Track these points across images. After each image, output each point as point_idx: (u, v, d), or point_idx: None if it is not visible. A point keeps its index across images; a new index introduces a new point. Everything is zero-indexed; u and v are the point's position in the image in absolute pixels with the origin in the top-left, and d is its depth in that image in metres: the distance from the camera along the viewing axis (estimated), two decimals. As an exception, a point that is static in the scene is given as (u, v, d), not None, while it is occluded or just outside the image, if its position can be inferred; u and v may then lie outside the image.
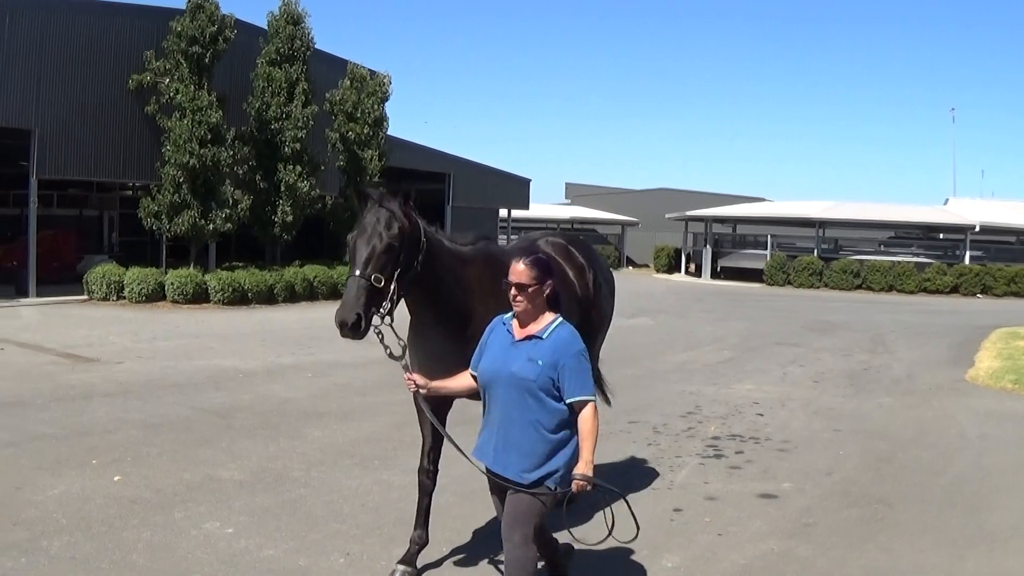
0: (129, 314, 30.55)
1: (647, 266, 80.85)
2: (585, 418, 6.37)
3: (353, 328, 6.96)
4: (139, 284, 33.75)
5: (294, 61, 39.45)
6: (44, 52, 34.94)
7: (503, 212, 62.37)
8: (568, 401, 6.38)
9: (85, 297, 34.51)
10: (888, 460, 13.06)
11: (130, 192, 47.31)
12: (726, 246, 71.94)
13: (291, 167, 38.42)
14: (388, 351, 7.26)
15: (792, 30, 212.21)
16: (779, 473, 12.15)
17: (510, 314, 6.73)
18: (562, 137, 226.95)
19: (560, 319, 6.60)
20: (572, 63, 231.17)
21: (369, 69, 44.19)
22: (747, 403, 17.23)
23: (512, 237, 69.15)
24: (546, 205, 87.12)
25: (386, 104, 43.95)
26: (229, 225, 36.04)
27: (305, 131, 38.79)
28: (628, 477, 11.60)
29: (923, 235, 69.70)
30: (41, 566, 8.26)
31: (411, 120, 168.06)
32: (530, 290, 6.49)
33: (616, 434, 13.99)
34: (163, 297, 34.04)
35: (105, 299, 34.00)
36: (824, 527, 9.99)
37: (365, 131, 42.63)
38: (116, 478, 10.88)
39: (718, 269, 68.79)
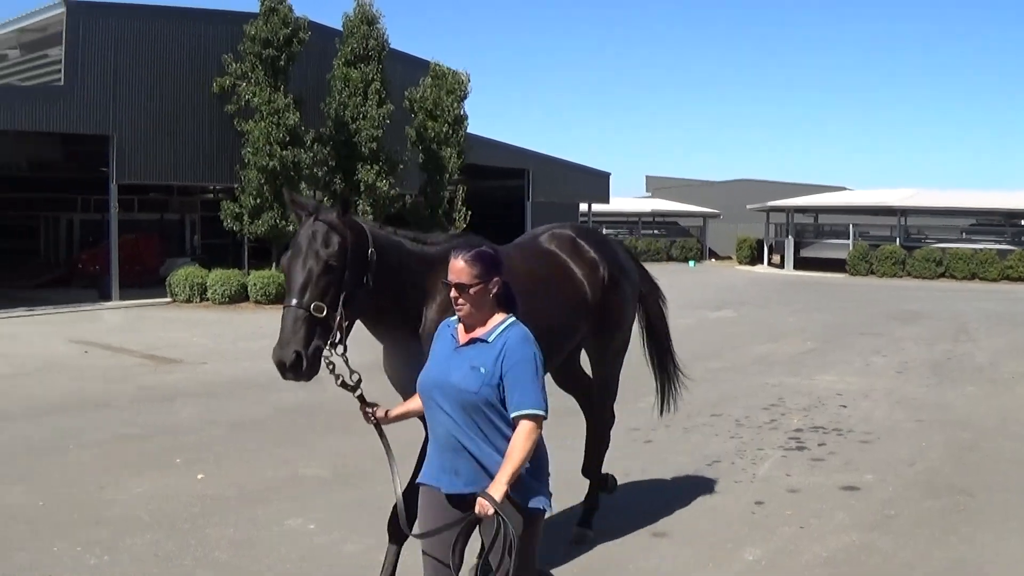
0: (212, 315, 30.92)
1: (730, 258, 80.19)
2: (517, 433, 5.32)
3: (293, 369, 6.07)
4: (222, 286, 34.08)
5: (370, 61, 39.58)
6: (120, 58, 35.47)
7: (583, 207, 62.13)
8: (511, 416, 5.38)
9: (168, 300, 34.92)
10: (971, 450, 12.88)
11: (211, 195, 47.84)
12: (808, 236, 71.10)
13: (369, 166, 38.58)
14: (339, 380, 6.16)
15: (871, 15, 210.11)
16: (861, 465, 11.99)
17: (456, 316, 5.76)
18: (642, 130, 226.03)
19: (512, 320, 5.64)
20: (651, 54, 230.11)
21: (449, 67, 44.29)
22: (830, 394, 17.03)
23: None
24: (626, 199, 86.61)
25: (465, 102, 44.07)
26: (311, 226, 36.19)
27: (382, 130, 38.92)
28: (711, 471, 11.56)
29: (1005, 222, 68.51)
30: (123, 563, 8.40)
31: (490, 117, 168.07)
32: (472, 291, 5.52)
33: (699, 427, 13.97)
34: (246, 298, 34.35)
35: (188, 301, 34.38)
36: (906, 518, 9.86)
37: (444, 129, 42.70)
38: (199, 476, 11.02)
39: (800, 260, 68.16)
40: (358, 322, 6.70)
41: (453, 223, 41.95)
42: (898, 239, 63.33)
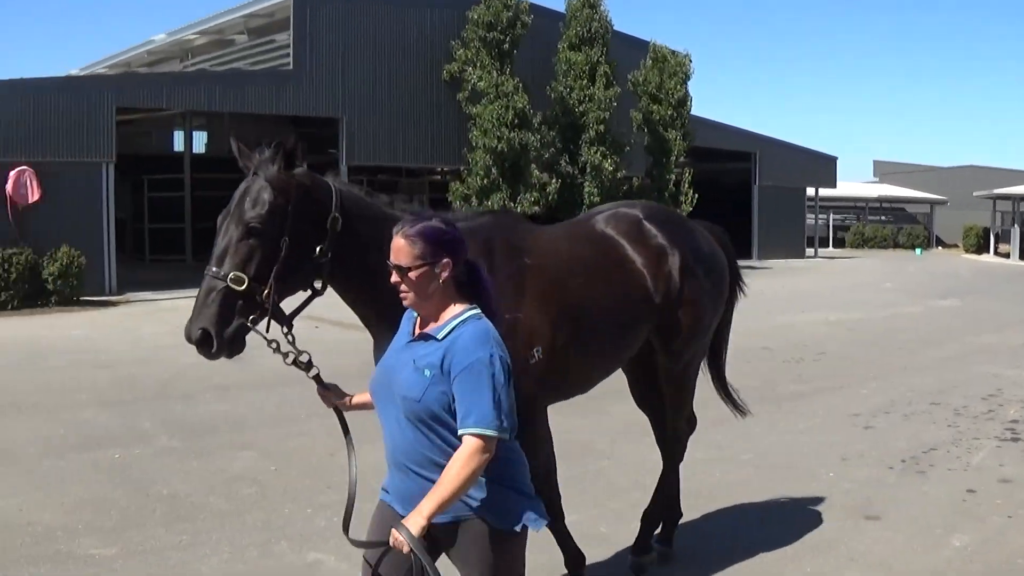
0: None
1: (956, 246, 77.87)
2: (455, 455, 4.38)
3: (201, 345, 5.23)
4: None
5: (594, 44, 39.80)
6: (348, 43, 36.38)
7: (810, 191, 61.15)
8: (458, 433, 4.44)
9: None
10: None
11: (438, 177, 48.59)
12: (1036, 225, 68.58)
13: (595, 148, 38.71)
14: (290, 358, 5.30)
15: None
16: (1074, 458, 11.47)
17: None
18: (871, 114, 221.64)
19: (472, 312, 4.62)
20: (877, 38, 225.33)
21: (670, 49, 44.09)
22: (1050, 387, 16.28)
23: (820, 217, 68.05)
24: (853, 183, 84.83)
25: (688, 83, 43.79)
26: (537, 208, 36.60)
27: (608, 113, 39.05)
28: (927, 458, 11.24)
29: None
30: (351, 525, 8.54)
31: (713, 99, 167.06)
32: (412, 273, 4.54)
33: (918, 415, 13.63)
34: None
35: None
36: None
37: (668, 112, 42.57)
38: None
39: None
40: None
41: (680, 206, 41.83)
42: None
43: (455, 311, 4.60)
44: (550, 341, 6.21)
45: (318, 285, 5.60)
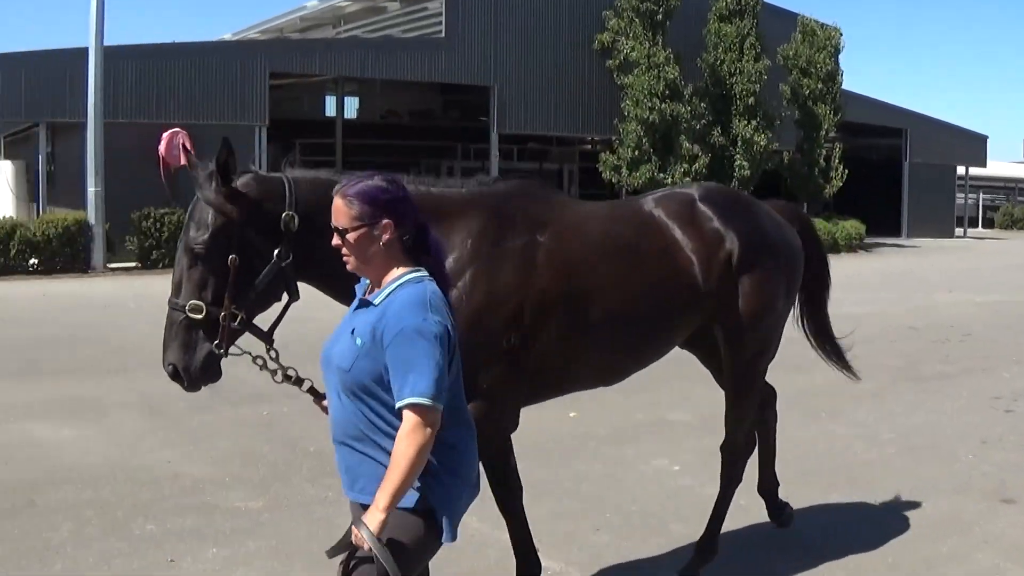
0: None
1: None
2: (398, 436, 4.03)
3: (174, 379, 5.17)
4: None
5: (743, 15, 39.60)
6: (499, 10, 36.65)
7: (960, 170, 59.96)
8: (395, 406, 4.09)
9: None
10: None
11: (588, 146, 48.67)
12: None
13: (746, 121, 38.52)
14: (278, 376, 5.09)
15: None
16: None
17: None
18: (1020, 93, 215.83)
19: (412, 275, 4.26)
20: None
21: (819, 22, 43.61)
22: None
23: (969, 197, 66.61)
24: (1004, 163, 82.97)
25: (839, 57, 43.28)
26: (687, 179, 36.61)
27: (758, 85, 38.84)
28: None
29: None
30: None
31: (862, 73, 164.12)
32: (351, 235, 4.22)
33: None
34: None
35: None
36: None
37: (818, 86, 42.18)
38: (572, 414, 11.28)
39: None
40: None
41: (829, 181, 41.46)
42: None
43: (397, 274, 4.27)
44: (541, 327, 5.72)
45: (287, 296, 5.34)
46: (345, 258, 4.27)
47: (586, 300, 5.95)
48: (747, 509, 8.24)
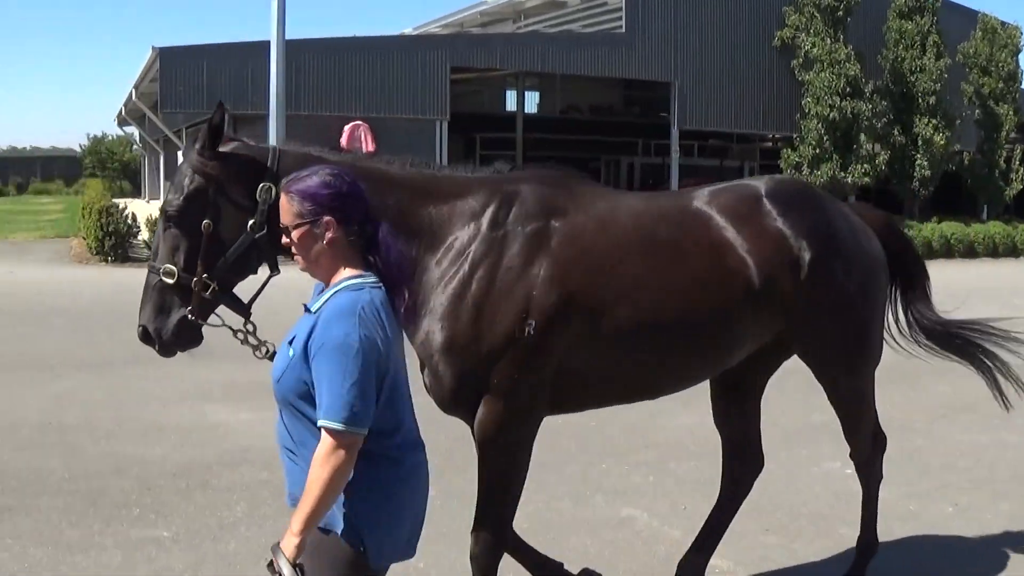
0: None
1: None
2: (315, 457, 3.77)
3: (144, 342, 5.13)
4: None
5: (923, 12, 38.94)
6: (679, 6, 36.65)
7: None
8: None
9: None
10: None
11: (770, 144, 48.24)
12: None
13: (927, 121, 37.82)
14: (262, 351, 4.91)
15: None
16: None
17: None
18: None
19: (354, 280, 3.99)
20: None
21: (1000, 20, 42.58)
22: None
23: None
24: None
25: (1019, 56, 42.28)
26: (867, 179, 36.11)
27: (939, 84, 38.14)
28: None
29: None
30: (667, 485, 9.09)
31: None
32: (295, 233, 4.00)
33: None
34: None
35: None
36: None
37: (998, 85, 41.25)
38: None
39: None
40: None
41: (1010, 184, 40.46)
42: None
43: (340, 278, 4.02)
44: (554, 323, 5.22)
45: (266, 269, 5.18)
46: (295, 258, 4.09)
47: (605, 298, 5.39)
48: (917, 515, 8.18)
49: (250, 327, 4.99)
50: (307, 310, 4.03)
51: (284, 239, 4.05)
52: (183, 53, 32.64)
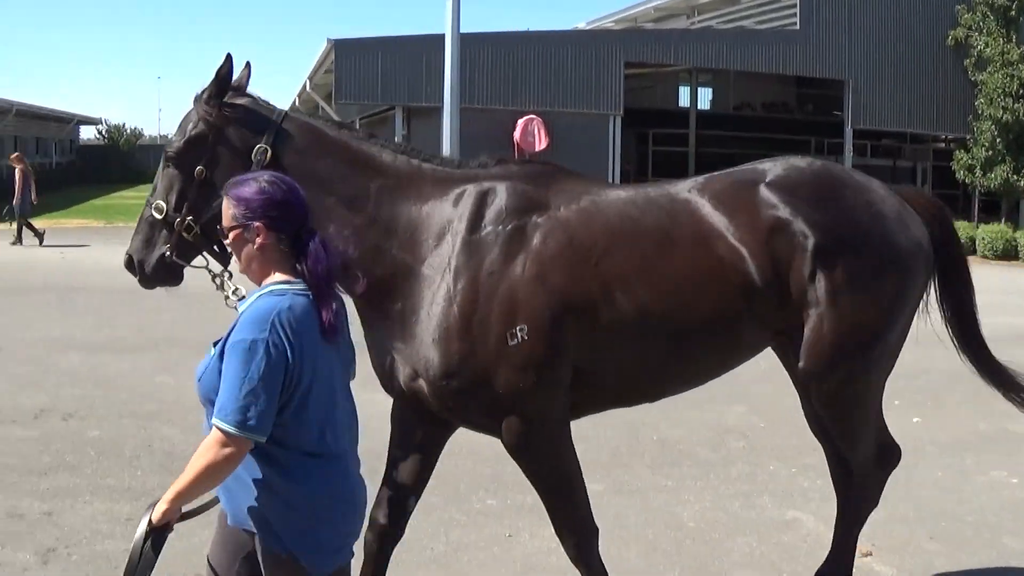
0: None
1: None
2: (201, 444, 3.84)
3: (128, 270, 5.37)
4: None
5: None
6: (853, 4, 36.14)
7: None
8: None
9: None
10: None
11: (943, 145, 47.26)
12: None
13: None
14: (230, 300, 4.76)
15: None
16: None
17: None
18: None
19: (278, 286, 4.01)
20: None
21: None
22: None
23: None
24: None
25: None
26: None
27: None
28: None
29: None
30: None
31: None
32: (230, 235, 4.07)
33: None
34: (972, 252, 33.61)
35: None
36: None
37: None
38: (915, 419, 11.28)
39: None
40: None
41: None
42: None
43: (268, 282, 4.05)
44: (543, 320, 5.04)
45: None
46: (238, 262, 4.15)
47: (595, 291, 5.17)
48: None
49: (227, 273, 5.08)
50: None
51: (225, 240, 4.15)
52: (358, 45, 33.16)
